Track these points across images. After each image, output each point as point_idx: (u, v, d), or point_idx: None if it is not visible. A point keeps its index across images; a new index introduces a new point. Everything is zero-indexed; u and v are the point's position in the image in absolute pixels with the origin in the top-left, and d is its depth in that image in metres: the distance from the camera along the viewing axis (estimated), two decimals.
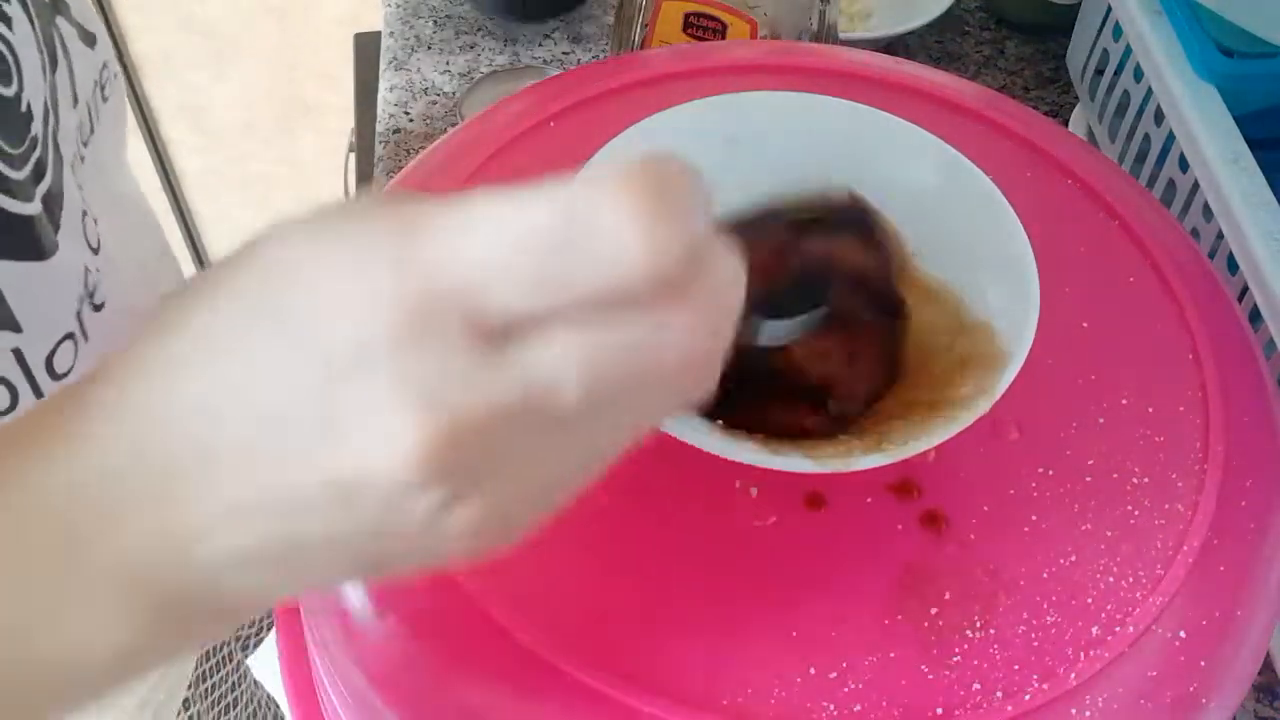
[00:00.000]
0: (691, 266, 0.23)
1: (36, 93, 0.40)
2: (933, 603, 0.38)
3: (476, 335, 0.23)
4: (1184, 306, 0.45)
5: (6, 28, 0.38)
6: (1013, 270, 0.40)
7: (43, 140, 0.41)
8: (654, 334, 0.23)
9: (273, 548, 0.24)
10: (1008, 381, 0.37)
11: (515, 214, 0.22)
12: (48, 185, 0.41)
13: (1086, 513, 0.40)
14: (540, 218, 0.22)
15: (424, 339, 0.22)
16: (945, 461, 0.41)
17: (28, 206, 0.39)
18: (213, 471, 0.24)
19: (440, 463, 0.23)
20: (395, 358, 0.22)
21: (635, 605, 0.38)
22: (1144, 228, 0.48)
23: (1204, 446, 0.41)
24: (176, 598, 0.25)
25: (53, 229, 0.41)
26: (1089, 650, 0.37)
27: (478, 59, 0.85)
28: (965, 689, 0.36)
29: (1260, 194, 0.57)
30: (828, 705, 0.36)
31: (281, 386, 0.23)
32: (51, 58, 0.42)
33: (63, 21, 0.44)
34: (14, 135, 0.39)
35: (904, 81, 0.53)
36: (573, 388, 0.23)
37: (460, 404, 0.22)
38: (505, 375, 0.23)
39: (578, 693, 0.36)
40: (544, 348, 0.23)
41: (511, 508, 0.25)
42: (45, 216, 0.40)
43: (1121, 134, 0.71)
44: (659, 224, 0.22)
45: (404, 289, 0.22)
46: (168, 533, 0.24)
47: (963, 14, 0.88)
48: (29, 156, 0.40)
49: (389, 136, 0.81)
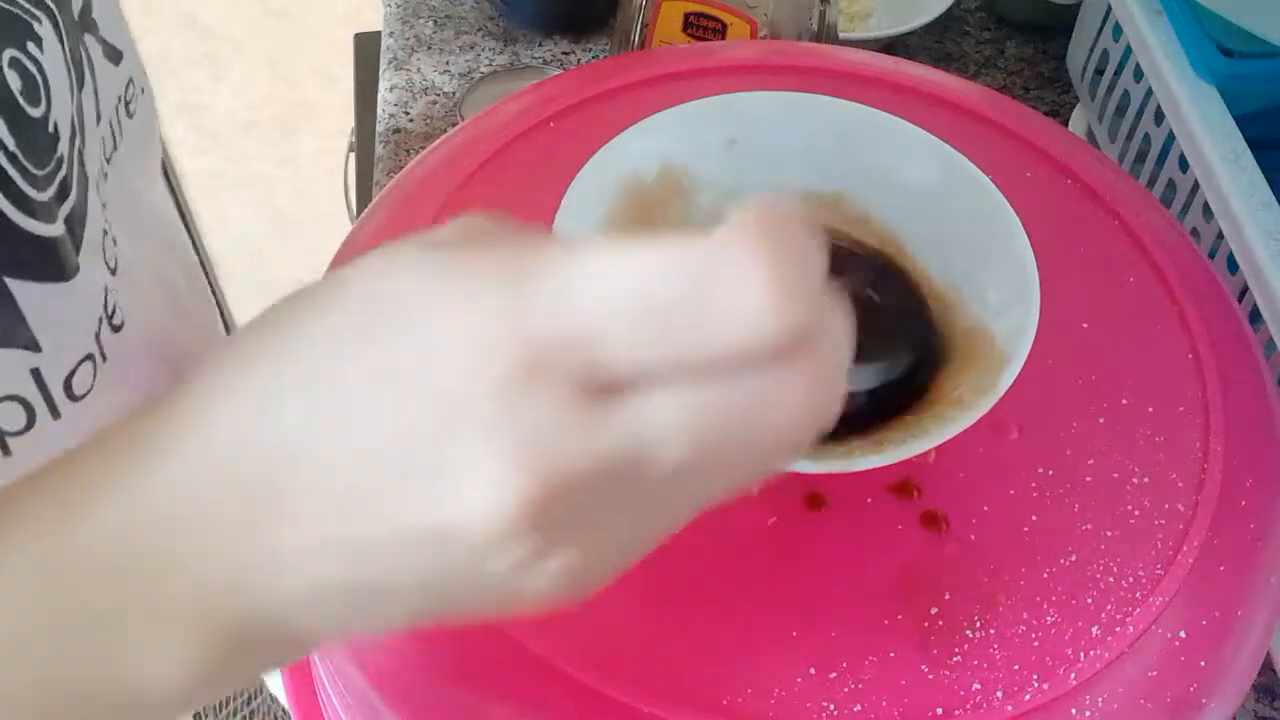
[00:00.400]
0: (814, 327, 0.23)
1: (64, 112, 0.40)
2: (933, 603, 0.38)
3: (584, 390, 0.22)
4: (1184, 306, 0.45)
5: (37, 48, 0.38)
6: (1013, 270, 0.40)
7: (69, 160, 0.41)
8: (769, 395, 0.23)
9: (350, 587, 0.24)
10: (1008, 382, 0.37)
11: (637, 267, 0.22)
12: (71, 205, 0.41)
13: (1086, 513, 0.40)
14: (663, 273, 0.22)
15: (531, 392, 0.22)
16: (945, 461, 0.41)
17: (51, 228, 0.39)
18: (299, 507, 0.23)
19: (537, 518, 0.22)
20: (501, 409, 0.22)
21: (635, 605, 0.38)
22: (1144, 228, 0.48)
23: (1204, 446, 0.41)
24: (248, 631, 0.25)
25: (74, 250, 0.41)
26: (1089, 650, 0.37)
27: (478, 59, 0.85)
28: (965, 689, 0.36)
29: (1260, 194, 0.57)
30: (828, 705, 0.36)
31: (380, 428, 0.23)
32: (79, 76, 0.42)
33: (90, 39, 0.44)
34: (40, 156, 0.38)
35: (904, 81, 0.53)
36: (679, 448, 0.23)
37: (563, 460, 0.22)
38: (610, 433, 0.22)
39: (577, 693, 0.36)
40: (653, 407, 0.22)
41: (593, 562, 0.25)
42: (68, 237, 0.40)
43: (1121, 134, 0.71)
44: (789, 287, 0.22)
45: (514, 339, 0.22)
46: (247, 566, 0.24)
47: (963, 14, 0.88)
48: (54, 177, 0.39)
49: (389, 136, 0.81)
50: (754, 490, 0.40)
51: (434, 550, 0.23)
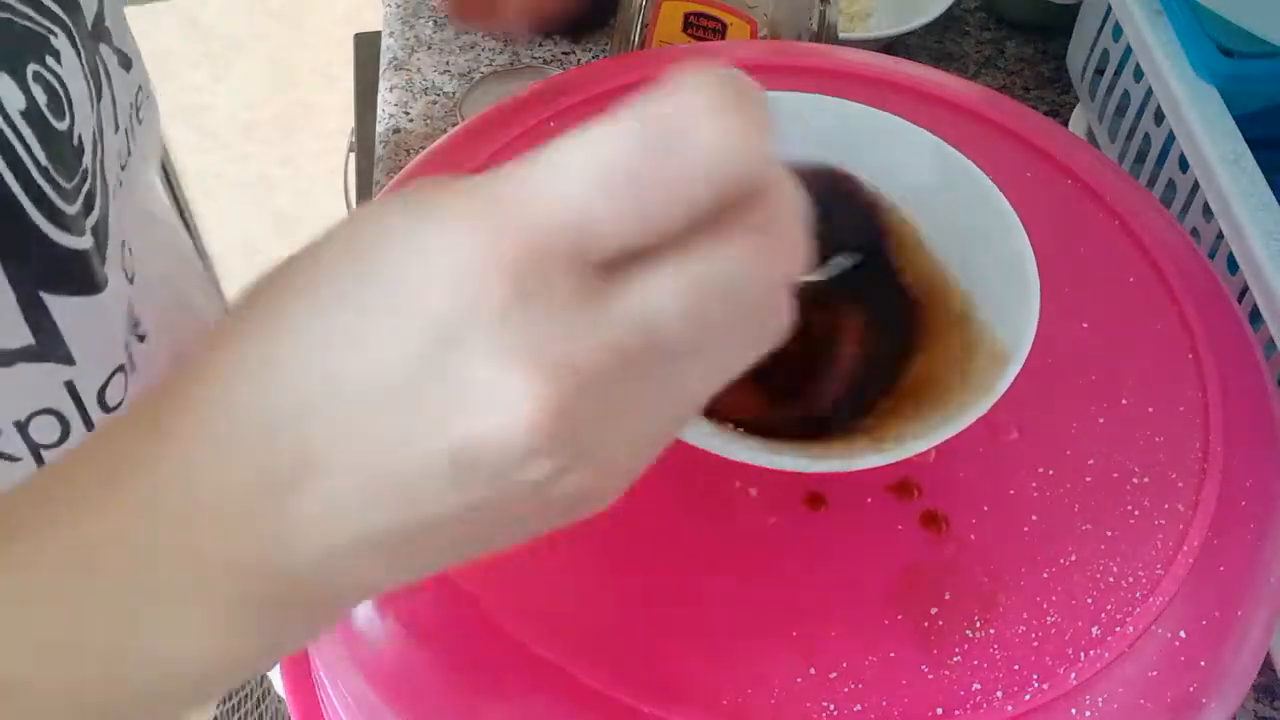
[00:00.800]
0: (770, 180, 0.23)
1: (86, 124, 0.40)
2: (933, 603, 0.38)
3: (580, 284, 0.22)
4: (1184, 306, 0.45)
5: (56, 61, 0.38)
6: (1013, 270, 0.40)
7: (92, 171, 0.41)
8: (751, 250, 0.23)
9: (382, 533, 0.24)
10: (1008, 382, 0.37)
11: (598, 143, 0.22)
12: (97, 216, 0.41)
13: (1086, 513, 0.40)
14: (624, 140, 0.22)
15: (529, 296, 0.22)
16: (945, 461, 0.41)
17: (80, 240, 0.39)
18: (320, 461, 0.23)
19: (558, 423, 0.22)
20: (503, 320, 0.22)
21: (635, 605, 0.38)
22: (1144, 228, 0.48)
23: (1204, 446, 0.41)
24: (280, 597, 0.25)
25: (101, 261, 0.41)
26: (1089, 650, 0.37)
27: (478, 59, 0.85)
28: (965, 689, 0.36)
29: (1260, 194, 0.57)
30: (828, 705, 0.36)
31: (386, 364, 0.22)
32: (97, 87, 0.42)
33: (105, 49, 0.43)
34: (67, 169, 0.38)
35: (904, 81, 0.53)
36: (678, 322, 0.23)
37: (573, 359, 0.22)
38: (613, 323, 0.22)
39: (577, 692, 0.36)
40: (649, 289, 0.23)
41: (615, 467, 0.25)
42: (95, 249, 0.40)
43: (1121, 134, 0.71)
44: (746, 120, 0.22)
45: (502, 247, 0.22)
46: (276, 531, 0.24)
47: (963, 14, 0.88)
48: (80, 189, 0.39)
49: (389, 136, 0.81)
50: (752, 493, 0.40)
51: (463, 475, 0.23)
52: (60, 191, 0.38)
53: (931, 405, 0.38)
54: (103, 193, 0.42)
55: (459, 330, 0.22)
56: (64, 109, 0.38)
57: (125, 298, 0.43)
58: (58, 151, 0.38)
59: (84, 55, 0.40)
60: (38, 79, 0.37)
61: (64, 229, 0.38)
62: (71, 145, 0.39)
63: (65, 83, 0.39)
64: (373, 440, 0.23)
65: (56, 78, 0.38)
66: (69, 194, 0.39)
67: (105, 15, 0.44)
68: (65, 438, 0.40)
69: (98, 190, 0.41)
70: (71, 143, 0.39)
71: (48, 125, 0.37)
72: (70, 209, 0.39)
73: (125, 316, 0.43)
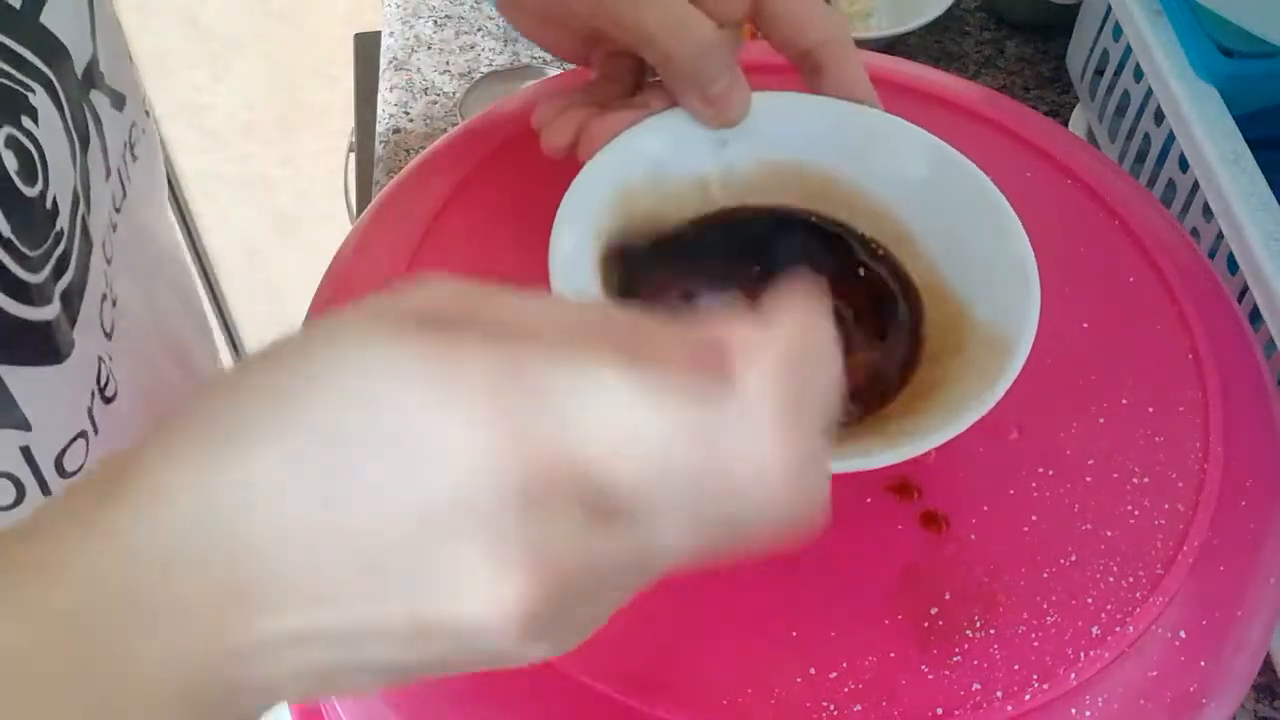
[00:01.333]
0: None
1: (64, 183, 0.39)
2: (933, 602, 0.38)
3: (585, 509, 0.23)
4: (1184, 306, 0.45)
5: (32, 121, 0.37)
6: (1013, 270, 0.40)
7: (69, 232, 0.39)
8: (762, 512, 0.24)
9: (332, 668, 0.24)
10: (1009, 381, 0.37)
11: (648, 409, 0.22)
12: (69, 280, 0.39)
13: (1086, 513, 0.40)
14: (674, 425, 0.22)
15: (536, 508, 0.22)
16: (945, 461, 0.41)
17: (45, 310, 0.38)
18: (287, 597, 0.23)
19: (540, 620, 0.23)
20: (506, 523, 0.22)
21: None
22: (1144, 228, 0.48)
23: (1204, 446, 0.41)
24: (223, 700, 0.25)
25: (70, 325, 0.39)
26: (1089, 650, 0.37)
27: (478, 59, 0.85)
28: (965, 689, 0.36)
29: (1260, 194, 0.57)
30: (828, 705, 0.36)
31: (375, 528, 0.23)
32: (83, 139, 0.40)
33: (96, 94, 0.42)
34: (35, 236, 0.37)
35: (904, 81, 0.53)
36: (676, 559, 0.24)
37: (565, 570, 0.23)
38: (613, 545, 0.23)
39: (577, 692, 0.36)
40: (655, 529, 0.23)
41: (583, 631, 0.26)
42: (63, 316, 0.39)
43: (1121, 134, 0.71)
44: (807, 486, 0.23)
45: (516, 462, 0.22)
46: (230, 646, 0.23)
47: (963, 14, 0.88)
48: (51, 254, 0.38)
49: (389, 136, 0.81)
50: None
51: (424, 643, 0.23)
52: (24, 262, 0.37)
53: (940, 402, 0.38)
54: (81, 252, 0.40)
55: (457, 517, 0.22)
56: (37, 173, 0.37)
57: (94, 358, 0.42)
58: (25, 220, 0.36)
59: (68, 109, 0.39)
60: (10, 143, 0.36)
61: (27, 301, 0.37)
62: (44, 209, 0.38)
63: (41, 144, 0.37)
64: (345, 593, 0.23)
65: (32, 139, 0.37)
66: (34, 262, 0.37)
67: (99, 59, 0.42)
68: (20, 500, 0.39)
69: (74, 251, 0.40)
70: (44, 207, 0.38)
71: (15, 193, 0.36)
72: (35, 278, 0.37)
73: (91, 380, 0.42)
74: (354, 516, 0.23)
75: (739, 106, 0.43)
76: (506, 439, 0.22)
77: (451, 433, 0.22)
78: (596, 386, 0.22)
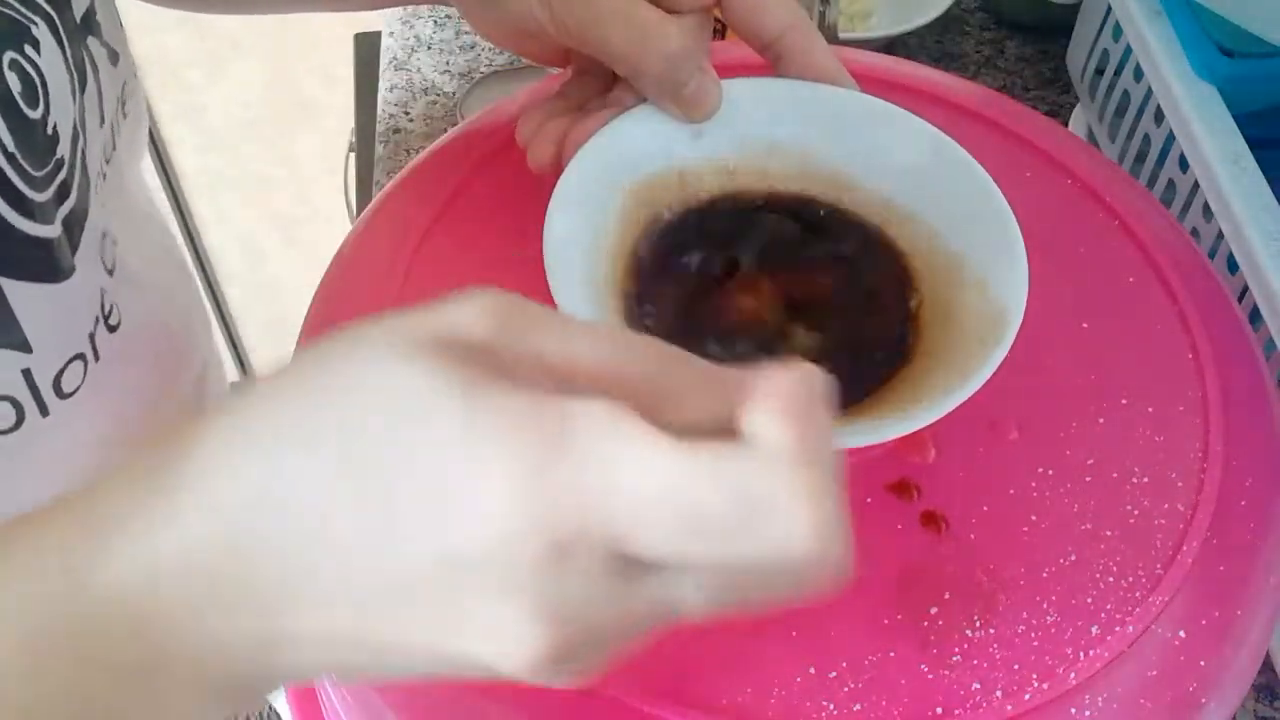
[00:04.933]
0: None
1: (65, 114, 0.40)
2: (933, 602, 0.38)
3: (610, 563, 0.24)
4: (1184, 306, 0.45)
5: (35, 51, 0.38)
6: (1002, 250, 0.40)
7: (70, 162, 0.41)
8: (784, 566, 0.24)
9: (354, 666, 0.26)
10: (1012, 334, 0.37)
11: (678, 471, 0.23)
12: (71, 206, 0.41)
13: (1086, 513, 0.40)
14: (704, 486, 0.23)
15: (565, 566, 0.23)
16: (945, 461, 0.41)
17: (47, 229, 0.39)
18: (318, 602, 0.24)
19: (560, 661, 0.24)
20: (535, 577, 0.23)
21: None
22: (1144, 228, 0.48)
23: (1204, 446, 0.41)
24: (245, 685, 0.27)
25: (70, 251, 0.41)
26: (1089, 650, 0.37)
27: (478, 59, 0.85)
28: (965, 689, 0.36)
29: (1260, 194, 0.57)
30: (828, 705, 0.36)
31: (406, 564, 0.24)
32: (81, 79, 0.42)
33: (94, 42, 0.43)
34: (39, 157, 0.39)
35: (904, 81, 0.53)
36: (698, 611, 0.25)
37: (587, 621, 0.24)
38: (636, 600, 0.24)
39: (577, 692, 0.36)
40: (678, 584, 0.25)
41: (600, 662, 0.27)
42: (64, 238, 0.40)
43: (1121, 134, 0.71)
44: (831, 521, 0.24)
45: (547, 519, 0.23)
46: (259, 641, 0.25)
47: (963, 14, 0.88)
48: (53, 178, 0.39)
49: (389, 136, 0.81)
50: None
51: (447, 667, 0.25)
52: (27, 179, 0.38)
53: (944, 370, 0.38)
54: (82, 184, 0.42)
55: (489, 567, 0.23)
56: (39, 98, 0.39)
57: (98, 287, 0.43)
58: (28, 139, 0.38)
59: (68, 47, 0.40)
60: (14, 66, 0.37)
61: (29, 215, 0.38)
62: (45, 134, 0.39)
63: (43, 72, 0.39)
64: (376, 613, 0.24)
65: (34, 66, 0.38)
66: (38, 182, 0.39)
67: (97, 10, 0.44)
68: (20, 423, 0.40)
69: (75, 180, 0.41)
70: (45, 131, 0.39)
71: (18, 112, 0.37)
72: (39, 196, 0.39)
73: (95, 306, 0.43)
74: (387, 547, 0.24)
75: (711, 102, 0.43)
76: (543, 499, 0.23)
77: (490, 488, 0.23)
78: (629, 447, 0.23)
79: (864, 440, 0.37)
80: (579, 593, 0.24)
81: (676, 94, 0.43)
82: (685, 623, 0.27)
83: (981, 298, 0.40)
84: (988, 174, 0.42)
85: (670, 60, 0.41)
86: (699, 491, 0.23)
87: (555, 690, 0.36)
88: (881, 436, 0.36)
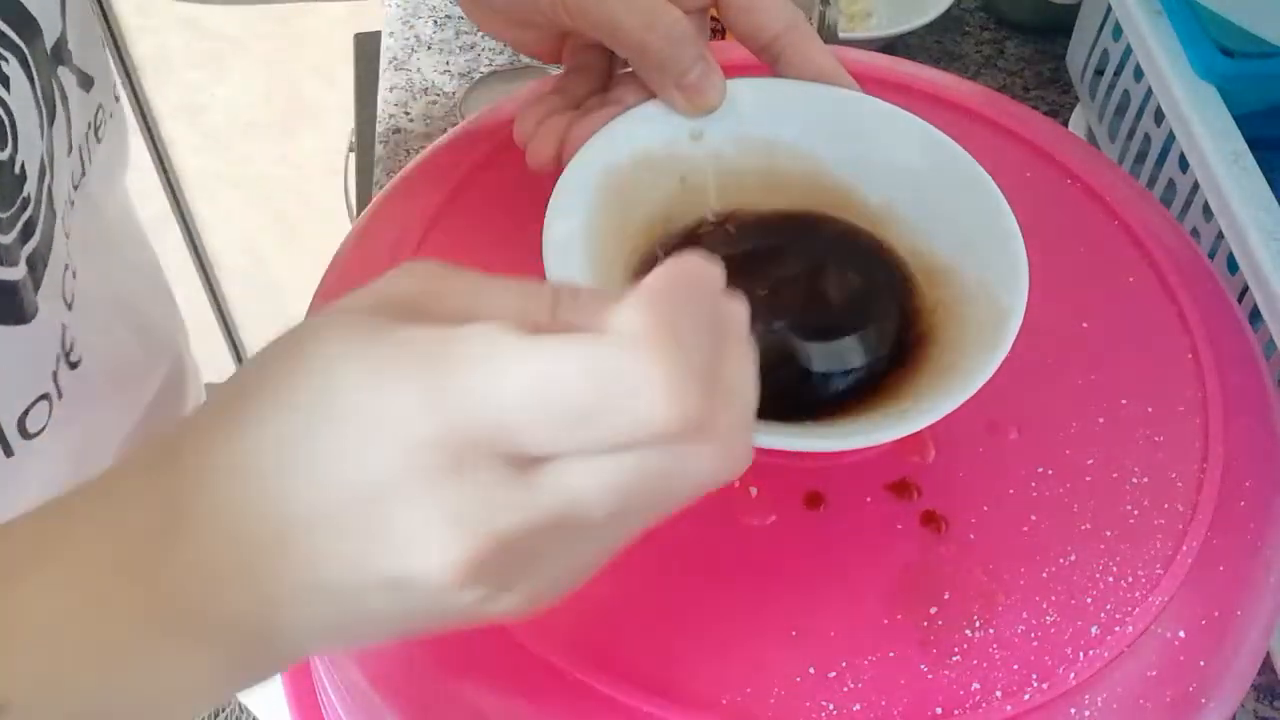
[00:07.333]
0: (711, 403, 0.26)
1: (33, 151, 0.40)
2: (932, 602, 0.38)
3: (509, 465, 0.25)
4: (1184, 306, 0.45)
5: (4, 89, 0.38)
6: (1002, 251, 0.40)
7: (35, 199, 0.40)
8: (679, 462, 0.26)
9: (338, 619, 0.28)
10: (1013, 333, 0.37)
11: (547, 369, 0.25)
12: (35, 244, 0.40)
13: (1086, 513, 0.40)
14: (569, 377, 0.25)
15: (461, 473, 0.25)
16: (945, 461, 0.41)
17: (12, 271, 0.39)
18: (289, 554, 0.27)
19: (479, 571, 0.26)
20: (436, 487, 0.25)
21: (634, 604, 0.38)
22: (1144, 228, 0.48)
23: (1204, 446, 0.41)
24: (255, 650, 0.28)
25: (34, 289, 0.40)
26: (1089, 650, 0.37)
27: (478, 59, 0.85)
28: (965, 689, 0.36)
29: (1260, 194, 0.57)
30: (827, 705, 0.36)
31: (337, 495, 0.26)
32: (50, 111, 0.41)
33: (64, 71, 0.43)
34: (5, 199, 0.38)
35: (904, 81, 0.53)
36: (600, 507, 0.26)
37: (495, 523, 0.25)
38: (536, 497, 0.26)
39: (577, 692, 0.36)
40: (573, 474, 0.26)
41: (544, 588, 0.28)
42: (29, 279, 0.40)
43: (1121, 134, 0.71)
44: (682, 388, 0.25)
45: (440, 431, 0.25)
46: (258, 600, 0.27)
47: (963, 14, 0.88)
48: (18, 218, 0.39)
49: (389, 136, 0.81)
50: (752, 492, 0.40)
51: (398, 594, 0.27)
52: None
53: (943, 371, 0.38)
54: (46, 219, 0.41)
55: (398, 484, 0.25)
56: (7, 138, 0.38)
57: (58, 325, 0.43)
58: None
59: (38, 81, 0.40)
60: None
61: None
62: (12, 174, 0.39)
63: (12, 111, 0.39)
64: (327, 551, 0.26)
65: (4, 106, 0.38)
66: (4, 224, 0.38)
67: (68, 37, 0.43)
68: None
69: (40, 217, 0.41)
70: (13, 171, 0.39)
71: None
72: (5, 239, 0.38)
73: (56, 344, 0.42)
74: (325, 485, 0.26)
75: (714, 93, 0.43)
76: (436, 413, 0.25)
77: (389, 413, 0.25)
78: (505, 352, 0.25)
79: (864, 441, 0.37)
80: (482, 495, 0.25)
81: (680, 80, 0.42)
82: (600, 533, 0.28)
83: (981, 298, 0.40)
84: (988, 174, 0.42)
85: (674, 38, 0.41)
86: (562, 379, 0.25)
87: (554, 690, 0.36)
88: (881, 437, 0.36)
